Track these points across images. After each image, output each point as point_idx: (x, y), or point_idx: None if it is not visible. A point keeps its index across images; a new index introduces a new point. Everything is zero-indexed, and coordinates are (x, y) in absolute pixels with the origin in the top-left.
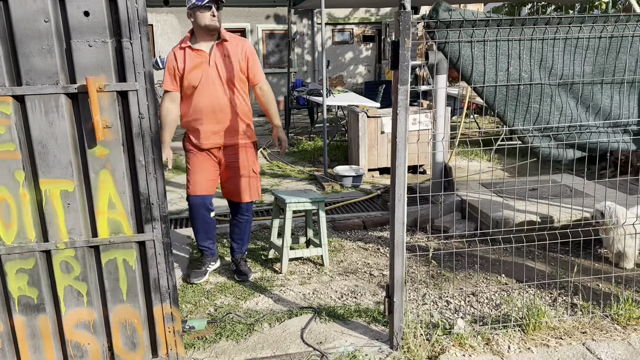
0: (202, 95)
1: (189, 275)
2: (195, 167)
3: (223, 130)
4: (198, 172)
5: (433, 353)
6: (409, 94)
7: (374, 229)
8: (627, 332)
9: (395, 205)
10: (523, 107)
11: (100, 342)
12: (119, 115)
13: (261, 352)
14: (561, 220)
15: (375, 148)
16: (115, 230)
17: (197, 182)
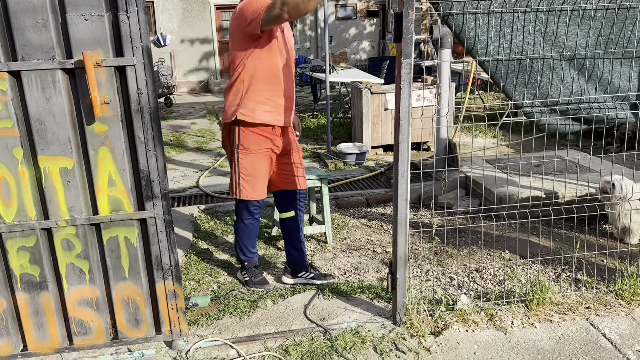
0: (278, 58)
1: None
2: (257, 171)
3: (292, 107)
4: (260, 177)
5: (436, 329)
6: (413, 69)
7: (377, 206)
8: (632, 307)
9: (398, 181)
10: (527, 80)
11: (103, 319)
12: (117, 91)
13: (264, 329)
14: (566, 196)
15: (379, 125)
16: (116, 208)
17: (260, 188)
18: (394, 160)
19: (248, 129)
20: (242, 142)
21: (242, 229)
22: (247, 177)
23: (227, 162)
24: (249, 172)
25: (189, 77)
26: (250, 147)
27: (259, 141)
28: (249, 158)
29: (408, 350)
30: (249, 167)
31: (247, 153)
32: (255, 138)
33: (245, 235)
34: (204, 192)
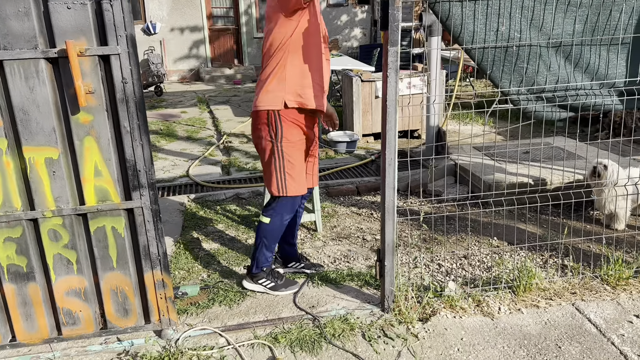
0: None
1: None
2: (299, 163)
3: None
4: (303, 169)
5: (424, 315)
6: (403, 57)
7: (367, 194)
8: (617, 292)
9: (385, 169)
10: (513, 67)
11: (92, 309)
12: (102, 80)
13: (254, 317)
14: (553, 183)
15: (369, 113)
16: (103, 198)
17: (303, 180)
18: (381, 148)
19: (291, 118)
20: (285, 135)
21: (278, 228)
22: (292, 171)
23: (217, 151)
24: (293, 166)
25: (179, 66)
26: (294, 138)
27: (300, 132)
28: (292, 150)
29: (396, 337)
30: (293, 160)
31: (291, 146)
32: (297, 129)
33: (276, 238)
34: (194, 182)
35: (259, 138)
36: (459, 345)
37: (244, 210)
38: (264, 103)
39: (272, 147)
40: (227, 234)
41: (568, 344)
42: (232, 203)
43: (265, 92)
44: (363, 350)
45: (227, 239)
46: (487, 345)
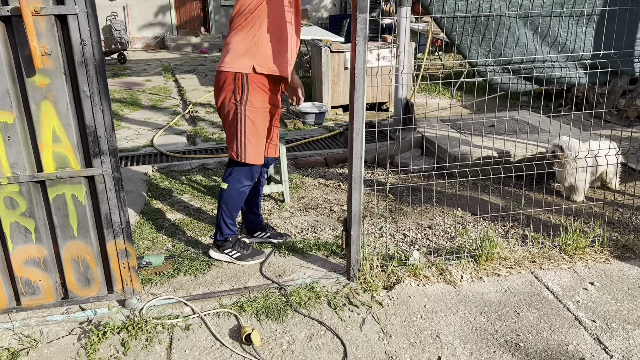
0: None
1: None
2: (261, 131)
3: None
4: (264, 138)
5: (388, 283)
6: (372, 29)
7: (335, 165)
8: (574, 261)
9: (353, 139)
10: (481, 38)
11: (52, 278)
12: (59, 41)
13: (220, 286)
14: (517, 155)
15: (338, 85)
16: (62, 165)
17: (262, 150)
18: (349, 118)
19: (259, 83)
20: (251, 99)
21: (236, 197)
22: (252, 137)
23: (183, 120)
24: (255, 132)
25: (143, 33)
26: (259, 104)
27: (266, 98)
28: (256, 117)
29: (361, 305)
30: (256, 126)
31: (255, 111)
32: (263, 95)
33: (236, 205)
34: (158, 151)
35: (223, 100)
36: (422, 312)
37: (210, 181)
38: (232, 65)
39: (236, 110)
40: (192, 205)
41: (526, 310)
42: (198, 173)
43: (233, 54)
44: (328, 317)
45: (192, 210)
46: (449, 312)
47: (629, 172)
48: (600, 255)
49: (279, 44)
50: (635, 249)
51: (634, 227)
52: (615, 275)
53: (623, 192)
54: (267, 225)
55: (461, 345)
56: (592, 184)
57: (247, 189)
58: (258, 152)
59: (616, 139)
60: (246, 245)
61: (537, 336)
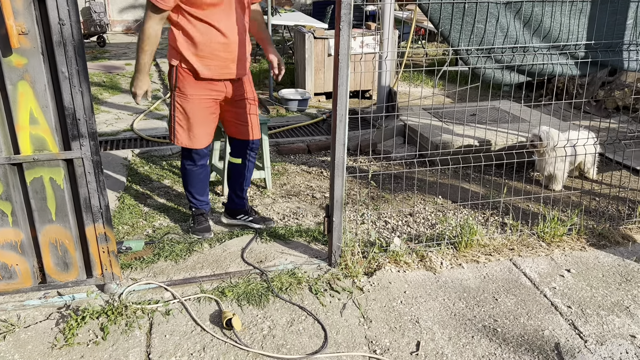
0: (220, 17)
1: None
2: (196, 117)
3: (236, 60)
4: (200, 124)
5: (369, 269)
6: (357, 16)
7: (318, 153)
8: (551, 248)
9: (336, 126)
10: (468, 27)
11: (29, 262)
12: (37, 20)
13: (200, 272)
14: (498, 144)
15: (321, 71)
16: (40, 147)
17: (200, 136)
18: (332, 104)
19: (186, 72)
20: (179, 85)
21: (184, 173)
22: (182, 122)
23: (163, 105)
24: (184, 118)
25: (124, 15)
26: (187, 91)
27: (197, 87)
28: (185, 103)
29: (342, 290)
30: (186, 112)
31: (184, 97)
32: (192, 83)
33: (188, 181)
34: (139, 136)
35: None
36: (402, 298)
37: None
38: (169, 56)
39: (171, 96)
40: (173, 190)
41: (504, 296)
42: (179, 158)
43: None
44: (310, 302)
45: (173, 195)
46: (429, 298)
47: (605, 162)
48: (577, 243)
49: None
50: (611, 237)
51: (610, 216)
52: (591, 263)
53: (600, 182)
54: (251, 209)
55: (440, 330)
56: (571, 173)
57: (192, 169)
58: (187, 138)
59: (594, 130)
60: (201, 221)
61: (514, 321)
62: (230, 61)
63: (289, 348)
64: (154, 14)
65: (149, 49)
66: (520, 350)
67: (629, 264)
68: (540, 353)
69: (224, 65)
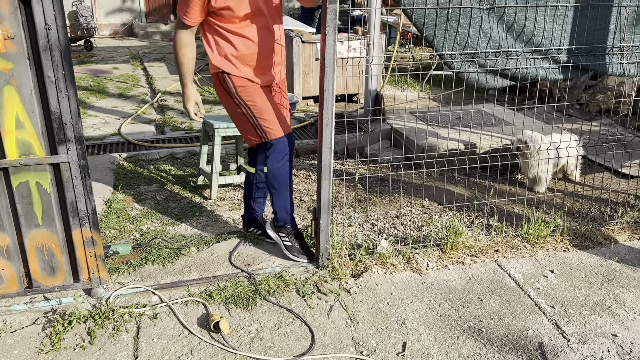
0: (249, 26)
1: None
2: (263, 101)
3: (276, 65)
4: (270, 105)
5: (356, 271)
6: (344, 20)
7: (306, 156)
8: (535, 249)
9: (323, 129)
10: (451, 31)
11: (15, 267)
12: (23, 25)
13: (188, 275)
14: (483, 147)
15: (309, 75)
16: (26, 152)
17: (279, 119)
18: (319, 108)
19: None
20: (237, 83)
21: (282, 176)
22: (262, 112)
23: (151, 109)
24: (262, 107)
25: (111, 19)
26: (246, 83)
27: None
28: (252, 93)
29: (329, 292)
30: (259, 101)
31: (247, 89)
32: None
33: (285, 184)
34: (126, 140)
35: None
36: (389, 299)
37: (178, 170)
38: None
39: (235, 103)
40: (160, 194)
41: (489, 297)
42: (167, 163)
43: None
44: (297, 305)
45: (160, 199)
46: (415, 299)
47: (589, 164)
48: (561, 244)
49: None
50: (593, 238)
51: (593, 217)
52: (574, 264)
53: (583, 184)
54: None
55: (426, 331)
56: (555, 175)
57: (289, 160)
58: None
59: (578, 133)
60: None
61: (498, 322)
62: (266, 70)
63: (277, 350)
64: (181, 28)
65: (183, 60)
66: (504, 350)
67: (611, 265)
68: (524, 352)
69: (260, 74)
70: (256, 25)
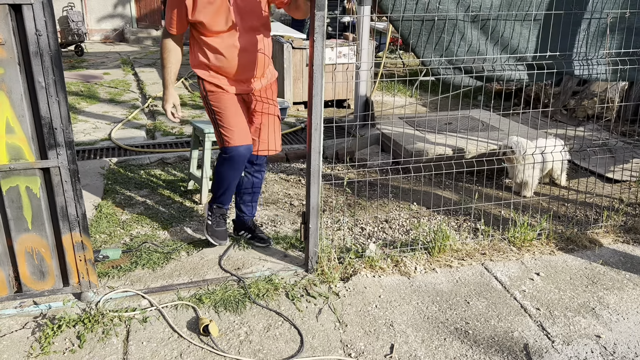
0: (223, 41)
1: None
2: (228, 109)
3: (251, 78)
4: (234, 114)
5: (345, 275)
6: (335, 27)
7: (296, 161)
8: (522, 252)
9: (312, 134)
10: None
11: (5, 271)
12: (13, 31)
13: (178, 279)
14: (471, 152)
15: (300, 81)
16: (16, 157)
17: (238, 129)
18: (307, 113)
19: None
20: (207, 88)
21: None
22: (224, 119)
23: (142, 114)
24: (225, 114)
25: (102, 25)
26: (215, 89)
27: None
28: (220, 99)
29: (318, 295)
30: (223, 108)
31: (216, 95)
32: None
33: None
34: (117, 145)
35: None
36: (377, 302)
37: (169, 175)
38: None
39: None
40: (151, 199)
41: (476, 299)
42: (157, 168)
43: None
44: (286, 308)
45: (151, 204)
46: (403, 302)
47: (574, 168)
48: (546, 247)
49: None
50: (578, 242)
51: (578, 221)
52: (560, 266)
53: (568, 188)
54: (255, 227)
55: (414, 333)
56: (541, 180)
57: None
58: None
59: (564, 138)
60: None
61: (485, 324)
62: (239, 82)
63: (266, 353)
64: (166, 35)
65: (166, 64)
66: (490, 352)
67: (595, 267)
68: (509, 354)
69: (231, 85)
70: (229, 42)
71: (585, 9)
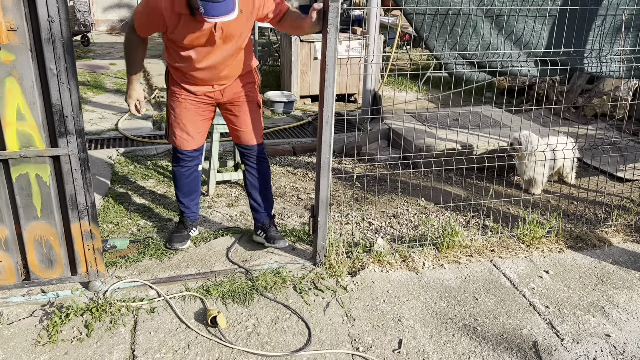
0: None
1: (171, 240)
2: (183, 117)
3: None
4: (187, 124)
5: (353, 269)
6: (343, 21)
7: (303, 154)
8: (530, 250)
9: (322, 127)
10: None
11: (13, 259)
12: (26, 17)
13: (185, 270)
14: (480, 149)
15: (307, 74)
16: (26, 144)
17: (187, 136)
18: (319, 106)
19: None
20: (170, 84)
21: (173, 174)
22: (176, 119)
23: (148, 105)
24: (178, 114)
25: (108, 15)
26: (176, 89)
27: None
28: (177, 99)
29: (326, 289)
30: (177, 109)
31: (175, 94)
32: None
33: (175, 183)
34: (123, 135)
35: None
36: (385, 297)
37: None
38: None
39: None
40: (158, 189)
41: (484, 296)
42: (164, 158)
43: None
44: (294, 301)
45: (158, 194)
46: (411, 297)
47: (584, 167)
48: (555, 245)
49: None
50: (588, 240)
51: (587, 219)
52: (569, 264)
53: (578, 186)
54: (271, 226)
55: (422, 329)
56: (550, 178)
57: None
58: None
59: (573, 136)
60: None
61: (493, 320)
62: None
63: (273, 345)
64: (133, 32)
65: (130, 59)
66: (499, 348)
67: (604, 266)
68: (518, 351)
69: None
70: (204, 52)
71: (601, 4)
